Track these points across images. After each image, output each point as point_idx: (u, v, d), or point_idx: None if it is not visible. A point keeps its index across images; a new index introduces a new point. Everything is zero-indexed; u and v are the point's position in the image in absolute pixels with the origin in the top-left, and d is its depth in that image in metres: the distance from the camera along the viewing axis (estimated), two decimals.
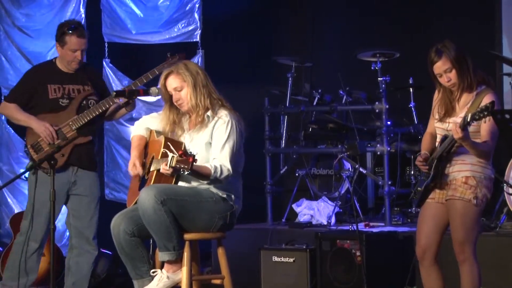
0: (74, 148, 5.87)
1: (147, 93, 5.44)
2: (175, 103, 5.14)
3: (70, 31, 5.89)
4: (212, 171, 4.90)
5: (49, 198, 5.49)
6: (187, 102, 5.10)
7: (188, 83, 5.08)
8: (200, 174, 4.90)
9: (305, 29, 9.04)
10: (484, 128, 4.68)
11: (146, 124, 5.33)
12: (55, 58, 6.04)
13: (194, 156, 4.68)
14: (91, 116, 5.85)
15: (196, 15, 8.08)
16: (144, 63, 8.13)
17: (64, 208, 6.05)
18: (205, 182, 5.00)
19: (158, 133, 5.25)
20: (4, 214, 8.22)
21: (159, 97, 5.51)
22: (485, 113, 4.40)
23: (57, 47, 5.94)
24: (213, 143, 5.03)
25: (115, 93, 5.62)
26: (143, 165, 5.21)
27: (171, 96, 5.14)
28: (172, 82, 5.11)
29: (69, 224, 6.04)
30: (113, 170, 8.23)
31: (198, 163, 4.77)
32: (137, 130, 5.34)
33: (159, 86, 5.28)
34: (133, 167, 5.18)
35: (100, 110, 5.87)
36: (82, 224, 5.94)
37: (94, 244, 5.98)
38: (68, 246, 6.07)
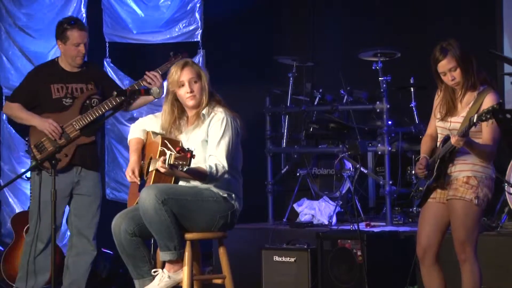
0: (78, 148, 5.87)
1: (148, 93, 5.43)
2: (184, 95, 5.06)
3: (71, 26, 5.91)
4: (208, 171, 4.88)
5: (50, 198, 5.52)
6: (199, 95, 5.07)
7: (204, 78, 5.09)
8: (196, 172, 4.87)
9: (306, 28, 9.05)
10: (486, 131, 4.67)
11: (142, 126, 5.32)
12: (57, 57, 6.04)
13: (192, 151, 4.62)
14: (95, 116, 5.85)
15: (197, 15, 8.09)
16: (145, 62, 8.14)
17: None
18: (202, 183, 4.99)
19: (155, 134, 5.24)
20: (5, 213, 8.23)
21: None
22: (491, 114, 4.39)
23: (59, 45, 5.95)
24: (208, 140, 5.01)
25: (116, 93, 5.62)
26: (141, 169, 5.20)
27: (180, 87, 5.11)
28: (190, 73, 5.07)
29: (70, 223, 6.04)
30: (114, 170, 8.24)
31: (196, 162, 4.72)
32: (134, 133, 5.32)
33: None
34: (132, 174, 5.18)
35: (104, 110, 5.87)
36: (83, 224, 5.94)
37: (94, 245, 5.98)
38: (68, 245, 6.07)
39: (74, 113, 5.88)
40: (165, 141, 5.00)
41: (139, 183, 5.16)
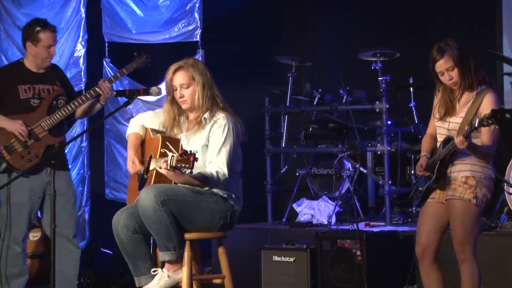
0: (47, 149, 5.84)
1: (147, 93, 5.42)
2: (177, 99, 5.12)
3: (43, 27, 5.89)
4: (210, 178, 4.86)
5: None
6: (191, 101, 5.08)
7: (197, 82, 5.07)
8: (198, 178, 4.83)
9: (306, 28, 9.05)
10: (486, 133, 4.67)
11: (141, 122, 5.31)
12: (22, 58, 6.00)
13: (194, 154, 4.61)
14: (63, 117, 5.85)
15: (196, 15, 8.08)
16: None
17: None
18: (204, 188, 4.98)
19: (154, 131, 5.23)
20: None
21: (159, 96, 5.51)
22: (493, 119, 4.39)
23: (29, 47, 5.89)
24: (209, 146, 5.00)
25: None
26: (142, 163, 5.20)
27: (174, 91, 5.12)
28: (180, 78, 5.08)
29: (47, 226, 5.94)
30: (113, 169, 8.23)
31: (195, 166, 4.66)
32: (132, 128, 5.32)
33: (159, 85, 5.28)
34: (133, 165, 5.17)
35: (71, 110, 5.86)
36: (60, 224, 5.88)
37: (75, 243, 5.94)
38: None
39: (41, 113, 5.85)
40: (166, 142, 4.98)
41: (142, 170, 5.14)
